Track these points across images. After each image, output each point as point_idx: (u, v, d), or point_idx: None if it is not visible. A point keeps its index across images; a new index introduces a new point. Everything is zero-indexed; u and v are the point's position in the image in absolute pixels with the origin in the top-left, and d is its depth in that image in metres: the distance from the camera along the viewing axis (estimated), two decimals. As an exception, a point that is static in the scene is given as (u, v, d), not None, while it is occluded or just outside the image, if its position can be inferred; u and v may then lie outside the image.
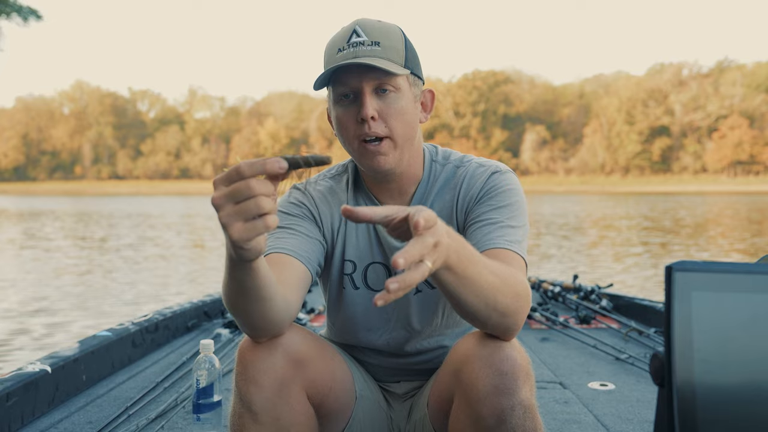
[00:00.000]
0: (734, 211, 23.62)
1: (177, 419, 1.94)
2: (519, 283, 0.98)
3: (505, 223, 1.12)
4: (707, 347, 0.63)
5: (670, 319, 0.63)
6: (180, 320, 3.19)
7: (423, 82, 1.21)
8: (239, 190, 0.78)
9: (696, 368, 0.62)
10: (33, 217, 21.42)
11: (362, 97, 1.11)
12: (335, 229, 1.26)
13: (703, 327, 0.64)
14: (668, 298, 0.64)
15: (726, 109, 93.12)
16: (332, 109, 1.17)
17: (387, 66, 1.09)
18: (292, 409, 1.07)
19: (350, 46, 1.11)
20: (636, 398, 2.16)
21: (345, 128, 1.14)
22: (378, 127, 1.12)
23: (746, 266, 0.66)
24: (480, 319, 0.97)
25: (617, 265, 8.76)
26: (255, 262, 0.88)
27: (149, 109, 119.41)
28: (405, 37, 1.16)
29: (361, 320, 1.27)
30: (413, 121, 1.16)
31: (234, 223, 0.79)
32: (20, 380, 1.92)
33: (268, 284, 0.95)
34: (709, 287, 0.65)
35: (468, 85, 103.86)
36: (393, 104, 1.12)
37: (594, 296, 3.76)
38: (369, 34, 1.12)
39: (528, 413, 0.98)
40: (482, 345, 1.01)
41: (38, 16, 21.36)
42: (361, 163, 1.17)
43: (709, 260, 0.68)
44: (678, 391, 0.62)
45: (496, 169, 1.20)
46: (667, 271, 0.65)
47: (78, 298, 6.16)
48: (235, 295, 0.95)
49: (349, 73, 1.11)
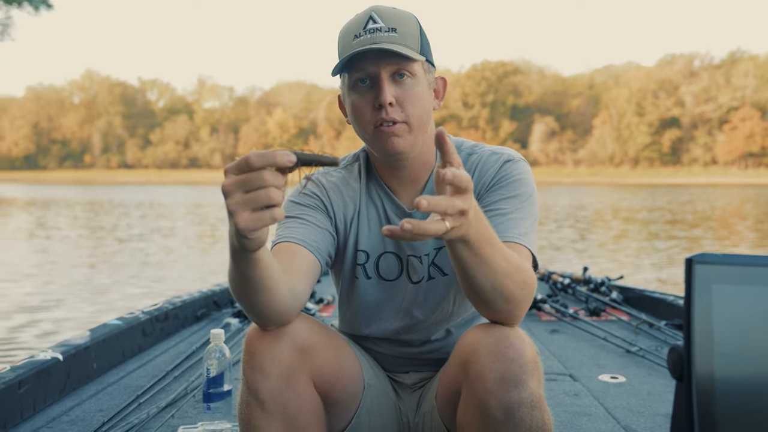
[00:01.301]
0: (754, 204, 23.33)
1: (187, 408, 1.95)
2: (527, 272, 1.00)
3: (515, 215, 1.12)
4: (727, 341, 0.63)
5: (690, 312, 0.63)
6: (190, 309, 3.21)
7: (435, 70, 1.20)
8: (251, 180, 0.78)
9: (716, 362, 0.62)
10: (43, 206, 21.58)
11: (380, 83, 1.10)
12: (348, 219, 1.25)
13: (723, 320, 0.63)
14: (688, 291, 0.63)
15: (737, 100, 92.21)
16: (347, 96, 1.17)
17: (405, 51, 1.09)
18: (299, 397, 1.07)
19: (367, 32, 1.10)
20: (647, 391, 2.15)
21: (361, 114, 1.13)
22: (395, 113, 1.11)
23: (766, 259, 0.65)
24: (485, 300, 0.98)
25: (632, 259, 8.72)
26: (257, 253, 0.88)
27: (158, 99, 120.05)
28: (419, 25, 1.16)
29: (372, 309, 1.27)
30: (428, 108, 1.16)
31: (241, 212, 0.79)
32: (32, 368, 1.93)
33: (272, 275, 0.95)
34: (729, 280, 0.64)
35: (477, 75, 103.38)
36: (410, 90, 1.12)
37: (604, 288, 3.74)
38: (385, 20, 1.11)
39: (536, 405, 0.98)
40: (489, 335, 1.01)
41: (49, 5, 21.46)
42: (375, 148, 1.17)
43: (730, 253, 0.66)
44: (697, 385, 0.61)
45: (509, 158, 1.20)
46: (688, 264, 0.64)
47: (87, 289, 6.20)
48: (240, 285, 0.95)
49: (367, 59, 1.10)
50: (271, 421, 1.05)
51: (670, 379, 2.23)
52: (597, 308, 3.35)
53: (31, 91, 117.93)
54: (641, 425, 1.83)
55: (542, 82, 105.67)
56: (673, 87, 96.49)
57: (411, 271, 1.24)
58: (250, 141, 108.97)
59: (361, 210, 1.25)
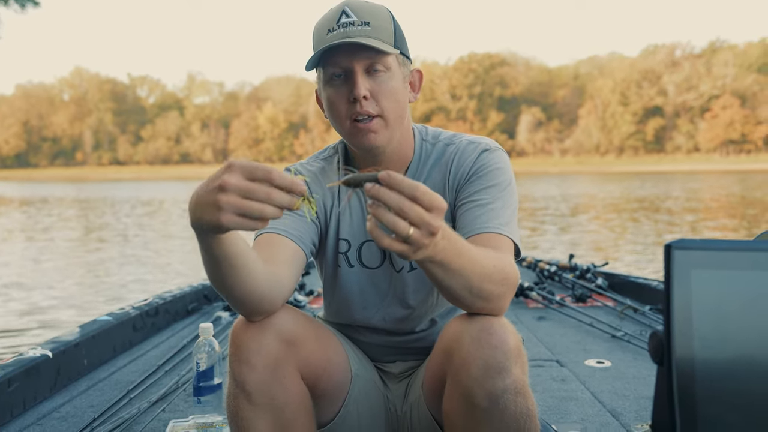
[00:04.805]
0: (740, 190, 23.52)
1: (178, 402, 1.95)
2: (506, 267, 1.00)
3: (494, 204, 1.13)
4: (706, 325, 0.63)
5: (669, 297, 0.63)
6: (180, 304, 3.20)
7: (411, 62, 1.21)
8: (257, 191, 0.79)
9: (695, 346, 0.62)
10: (36, 204, 21.27)
11: (354, 77, 1.11)
12: (328, 208, 1.26)
13: (702, 305, 0.63)
14: (667, 277, 0.64)
15: (718, 89, 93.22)
16: (322, 90, 1.17)
17: (378, 45, 1.09)
18: (286, 389, 1.07)
19: (340, 26, 1.11)
20: (632, 375, 2.19)
21: (336, 108, 1.14)
22: (370, 106, 1.11)
23: (745, 243, 0.66)
24: (464, 303, 0.99)
25: (618, 247, 8.80)
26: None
27: (149, 95, 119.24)
28: (393, 18, 1.16)
29: (357, 298, 1.28)
30: (403, 101, 1.17)
31: (229, 213, 0.80)
32: (21, 365, 1.92)
33: (239, 253, 0.94)
34: (708, 265, 0.65)
35: (464, 67, 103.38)
36: (384, 84, 1.12)
37: (590, 275, 3.79)
38: (358, 14, 1.11)
39: (520, 392, 0.99)
40: (472, 324, 1.01)
41: (36, 2, 21.10)
42: (352, 142, 1.18)
43: (708, 238, 0.67)
44: (677, 369, 0.62)
45: (486, 147, 1.20)
46: (666, 250, 0.64)
47: (78, 287, 6.15)
48: (208, 265, 0.95)
49: (340, 53, 1.10)
50: (259, 413, 1.06)
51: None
52: (583, 295, 3.39)
53: (21, 89, 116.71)
54: (626, 408, 1.87)
55: (528, 73, 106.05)
56: (656, 76, 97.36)
57: (393, 259, 1.25)
58: (240, 136, 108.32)
59: (341, 199, 1.26)
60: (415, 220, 0.79)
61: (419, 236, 0.81)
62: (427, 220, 0.80)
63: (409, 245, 0.81)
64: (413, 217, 0.79)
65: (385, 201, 0.79)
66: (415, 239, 0.81)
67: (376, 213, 0.79)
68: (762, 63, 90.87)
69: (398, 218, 0.79)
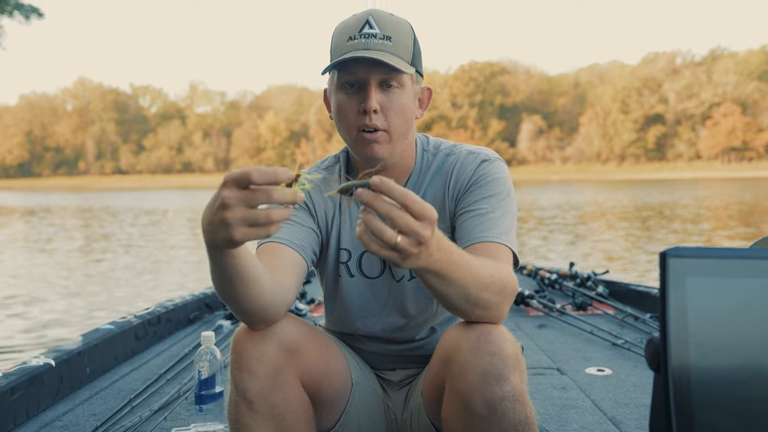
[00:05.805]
0: (749, 197, 23.45)
1: (180, 410, 1.96)
2: (505, 276, 1.01)
3: (493, 214, 1.14)
4: (702, 332, 0.63)
5: (665, 305, 0.64)
6: (182, 312, 3.21)
7: (422, 79, 1.23)
8: (256, 197, 0.79)
9: (691, 353, 0.63)
10: (39, 214, 21.30)
11: (368, 89, 1.13)
12: (329, 218, 1.27)
13: (698, 312, 0.64)
14: (663, 285, 0.65)
15: (719, 96, 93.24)
16: (333, 93, 1.19)
17: (397, 63, 1.11)
18: (287, 397, 1.08)
19: (362, 36, 1.12)
20: (632, 383, 2.19)
21: (345, 116, 1.16)
22: (378, 120, 1.13)
23: (739, 251, 0.67)
24: (462, 312, 1.01)
25: (619, 256, 8.78)
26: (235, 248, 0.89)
27: (151, 105, 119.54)
28: (414, 34, 1.18)
29: (357, 307, 1.29)
30: (411, 118, 1.19)
31: (240, 226, 0.81)
32: (25, 374, 1.93)
33: (250, 267, 0.95)
34: (703, 273, 0.65)
35: (465, 76, 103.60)
36: (395, 100, 1.14)
37: (590, 283, 3.79)
38: (382, 27, 1.13)
39: (518, 399, 0.99)
40: (471, 331, 1.02)
41: (40, 13, 21.24)
42: (356, 151, 1.19)
43: (703, 246, 0.68)
44: (674, 376, 0.62)
45: (486, 158, 1.22)
46: (662, 258, 0.65)
47: (81, 295, 6.16)
48: (220, 280, 0.96)
49: (358, 64, 1.12)
50: (260, 420, 1.06)
51: (656, 372, 2.26)
52: (583, 303, 3.39)
53: (24, 99, 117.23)
54: (627, 416, 1.87)
55: (529, 81, 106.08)
56: (657, 84, 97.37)
57: (393, 269, 1.26)
58: (242, 145, 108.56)
59: (342, 209, 1.27)
60: (404, 228, 0.80)
61: (407, 244, 0.81)
62: (415, 228, 0.80)
63: (397, 252, 0.82)
64: (402, 225, 0.80)
65: (375, 207, 0.79)
66: (403, 247, 0.81)
67: (366, 219, 0.79)
68: (763, 71, 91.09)
69: (385, 226, 0.80)
